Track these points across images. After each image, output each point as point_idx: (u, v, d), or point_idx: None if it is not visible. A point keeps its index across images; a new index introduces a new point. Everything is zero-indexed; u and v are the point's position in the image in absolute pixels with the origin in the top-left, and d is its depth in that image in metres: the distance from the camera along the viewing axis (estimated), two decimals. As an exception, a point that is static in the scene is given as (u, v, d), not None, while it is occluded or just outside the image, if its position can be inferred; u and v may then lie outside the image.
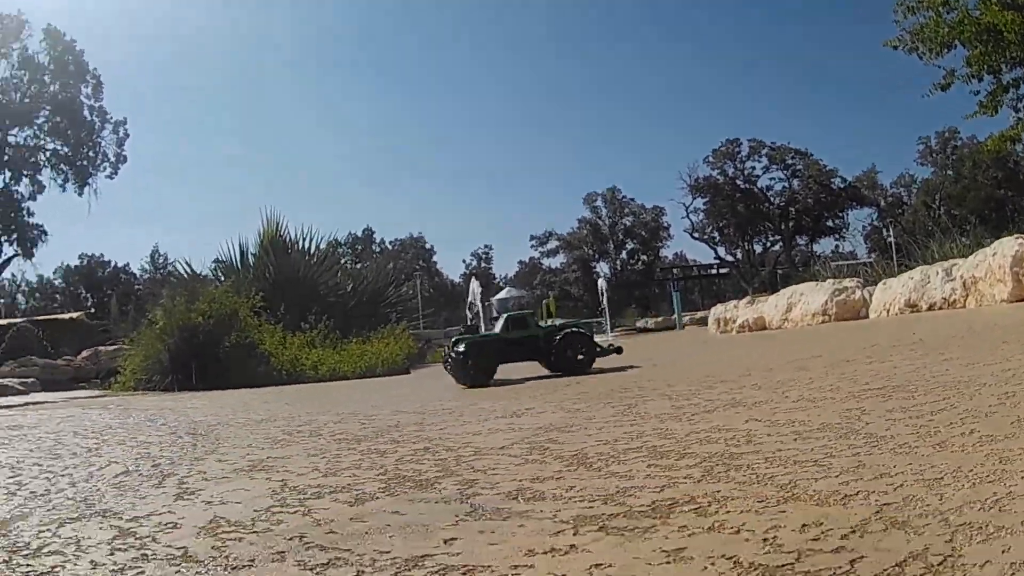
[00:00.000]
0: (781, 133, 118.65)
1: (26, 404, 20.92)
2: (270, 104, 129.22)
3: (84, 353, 35.93)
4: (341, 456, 7.33)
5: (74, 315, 68.69)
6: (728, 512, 3.91)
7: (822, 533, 3.38)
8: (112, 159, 66.43)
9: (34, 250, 65.67)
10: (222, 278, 34.82)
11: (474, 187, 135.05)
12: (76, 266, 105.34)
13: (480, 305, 40.65)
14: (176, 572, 4.06)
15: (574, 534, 3.82)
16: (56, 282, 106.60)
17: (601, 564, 3.29)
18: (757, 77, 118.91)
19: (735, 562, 3.13)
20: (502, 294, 76.55)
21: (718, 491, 4.38)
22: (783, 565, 3.04)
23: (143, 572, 4.10)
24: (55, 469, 8.03)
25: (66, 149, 65.06)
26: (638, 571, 3.18)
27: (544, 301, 52.34)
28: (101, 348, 35.37)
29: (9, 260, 66.59)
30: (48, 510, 5.88)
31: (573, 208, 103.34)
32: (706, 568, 3.12)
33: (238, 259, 36.17)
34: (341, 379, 24.24)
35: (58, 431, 12.16)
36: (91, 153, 65.71)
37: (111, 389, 26.27)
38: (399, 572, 3.65)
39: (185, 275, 35.34)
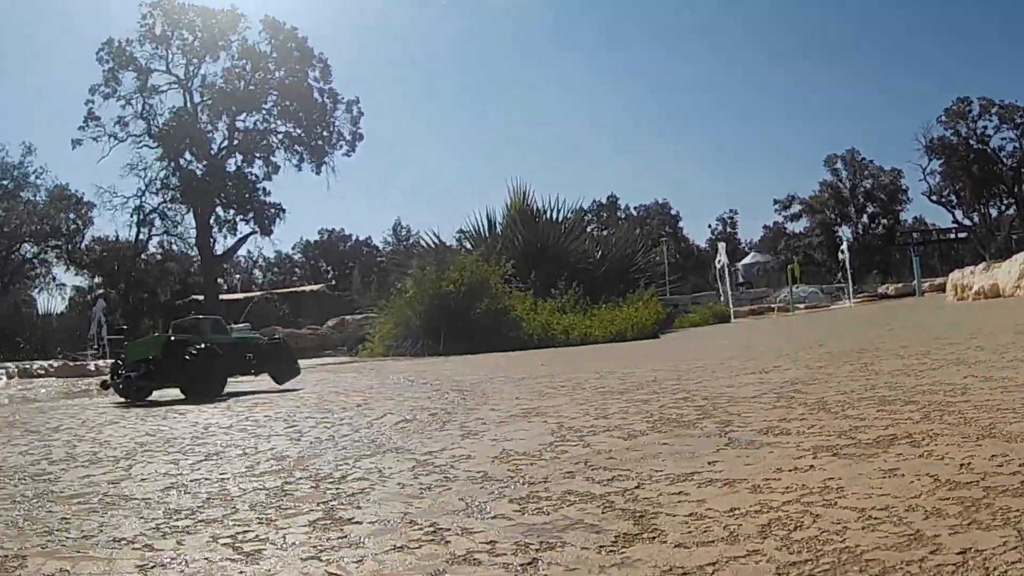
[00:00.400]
0: (1006, 91, 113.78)
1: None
2: (509, 75, 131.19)
3: (331, 322, 37.95)
4: (607, 404, 8.10)
5: (315, 287, 71.96)
6: (936, 445, 4.75)
7: (1005, 462, 4.20)
8: (348, 137, 69.33)
9: (272, 227, 68.81)
10: (468, 247, 36.23)
11: (717, 151, 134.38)
12: (316, 240, 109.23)
13: (727, 270, 40.97)
14: (480, 488, 4.64)
15: (813, 458, 4.66)
16: (295, 256, 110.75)
17: (832, 478, 4.15)
18: (982, 35, 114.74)
19: (935, 478, 3.98)
20: (747, 259, 76.22)
21: (931, 430, 5.23)
22: (970, 481, 3.88)
23: (450, 489, 4.68)
24: (330, 420, 8.69)
25: (299, 131, 68.17)
26: (859, 483, 4.02)
27: (789, 266, 52.26)
28: (348, 317, 37.25)
29: (245, 238, 70.00)
30: (339, 450, 6.50)
31: (814, 171, 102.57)
32: (912, 482, 3.97)
33: (486, 229, 37.23)
34: (591, 343, 24.84)
35: (317, 391, 13.06)
36: (325, 133, 68.56)
37: (359, 356, 27.98)
38: (673, 483, 4.38)
39: (431, 246, 36.70)
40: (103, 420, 10.37)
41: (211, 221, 67.36)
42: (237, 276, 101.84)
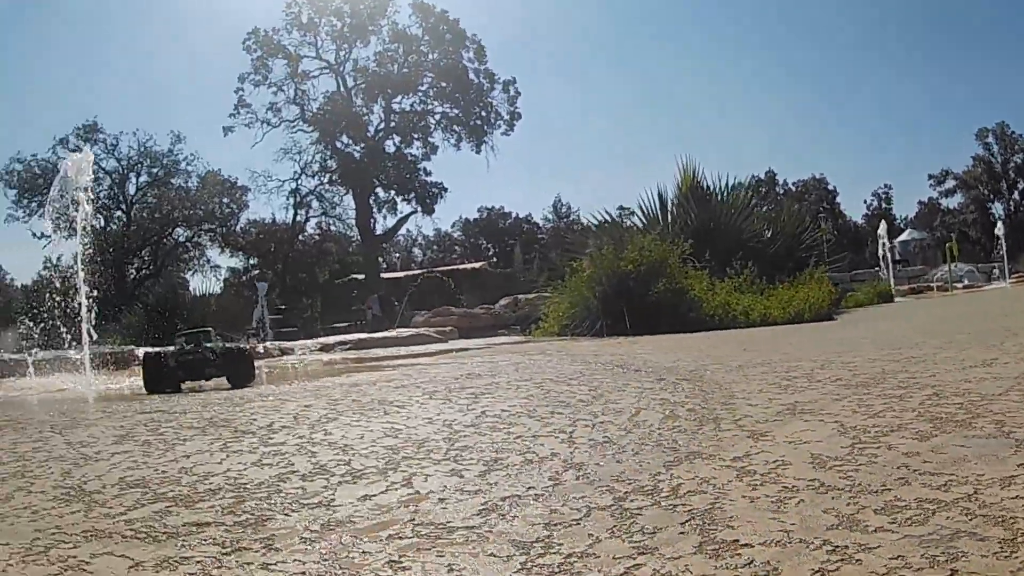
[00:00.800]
0: None
1: (448, 351, 22.56)
2: (664, 49, 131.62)
3: (503, 301, 38.80)
4: (865, 400, 7.93)
5: (475, 265, 73.22)
6: None
7: None
8: (506, 117, 71.01)
9: (433, 207, 71.04)
10: (634, 224, 37.04)
11: (873, 123, 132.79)
12: (475, 219, 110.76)
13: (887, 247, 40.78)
14: (830, 498, 4.57)
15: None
16: (455, 235, 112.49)
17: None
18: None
19: None
20: (903, 236, 75.19)
21: None
22: None
23: (803, 501, 4.55)
24: (584, 417, 7.97)
25: (456, 111, 70.43)
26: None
27: (947, 244, 51.83)
28: (521, 296, 38.26)
29: (407, 217, 72.17)
30: (632, 455, 6.01)
31: (967, 144, 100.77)
32: None
33: (657, 208, 37.38)
34: (771, 324, 24.92)
35: (532, 378, 12.11)
36: (483, 113, 70.32)
37: (532, 335, 28.73)
38: (1004, 487, 4.43)
39: (594, 224, 37.58)
40: (316, 416, 9.18)
41: (371, 202, 69.22)
42: (396, 255, 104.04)
